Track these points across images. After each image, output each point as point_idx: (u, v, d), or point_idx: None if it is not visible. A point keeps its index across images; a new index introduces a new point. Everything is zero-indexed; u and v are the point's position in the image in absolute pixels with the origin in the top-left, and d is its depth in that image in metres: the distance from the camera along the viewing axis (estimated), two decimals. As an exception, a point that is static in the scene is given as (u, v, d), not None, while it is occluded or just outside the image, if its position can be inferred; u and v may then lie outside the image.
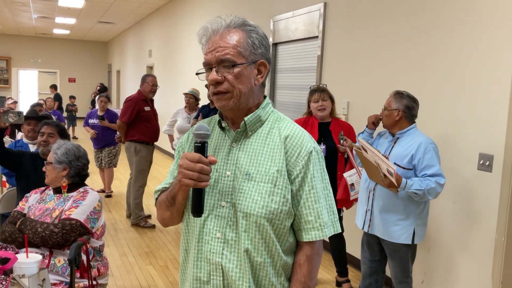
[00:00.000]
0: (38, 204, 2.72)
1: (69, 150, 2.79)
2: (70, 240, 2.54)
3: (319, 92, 3.77)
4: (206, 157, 1.31)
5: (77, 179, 2.81)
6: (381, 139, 3.23)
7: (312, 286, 1.46)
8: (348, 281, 3.99)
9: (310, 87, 3.94)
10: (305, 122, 3.84)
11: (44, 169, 2.79)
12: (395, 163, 2.95)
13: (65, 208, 2.64)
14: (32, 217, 2.63)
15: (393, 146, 3.07)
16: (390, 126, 3.10)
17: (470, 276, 3.30)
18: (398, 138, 3.06)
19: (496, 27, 3.10)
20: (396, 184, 2.81)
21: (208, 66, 1.41)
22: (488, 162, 3.15)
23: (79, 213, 2.60)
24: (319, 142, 3.73)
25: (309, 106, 3.86)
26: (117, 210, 6.36)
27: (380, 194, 3.07)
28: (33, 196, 2.80)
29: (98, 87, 15.58)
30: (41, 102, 9.67)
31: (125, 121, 5.47)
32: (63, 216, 2.58)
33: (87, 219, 2.61)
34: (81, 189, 2.78)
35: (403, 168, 2.93)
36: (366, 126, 3.41)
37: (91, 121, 7.13)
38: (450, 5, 3.45)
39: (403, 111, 3.01)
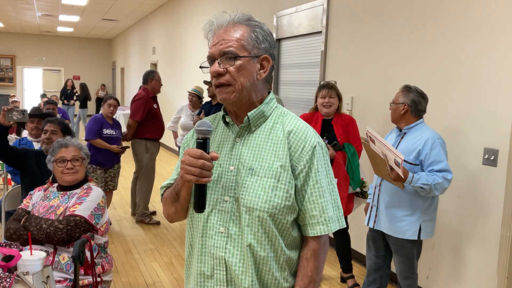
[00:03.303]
0: (42, 202, 2.72)
1: (86, 147, 2.91)
2: (75, 236, 2.55)
3: (328, 88, 3.74)
4: (208, 153, 1.32)
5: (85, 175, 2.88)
6: (390, 135, 3.22)
7: (318, 280, 1.46)
8: (353, 276, 3.99)
9: (320, 82, 3.91)
10: (310, 118, 3.83)
11: (70, 165, 2.74)
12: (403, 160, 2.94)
13: (69, 205, 2.64)
14: (36, 215, 2.64)
15: (400, 142, 3.05)
16: (396, 120, 3.08)
17: (475, 271, 3.29)
18: (405, 133, 3.04)
19: (501, 21, 3.07)
20: (402, 177, 2.79)
21: (212, 59, 1.42)
22: (493, 156, 3.13)
23: (84, 209, 2.61)
24: (321, 137, 3.71)
25: (316, 101, 3.85)
26: (122, 207, 6.38)
27: (386, 190, 3.06)
28: (37, 194, 2.81)
29: (76, 91, 14.51)
30: (54, 99, 9.61)
31: (139, 120, 5.46)
32: (68, 213, 2.59)
33: (92, 215, 2.62)
34: (84, 186, 2.79)
35: (410, 163, 2.91)
36: None
37: (107, 131, 5.24)
38: (451, 1, 3.43)
39: (409, 106, 2.98)
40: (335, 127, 3.75)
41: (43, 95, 13.83)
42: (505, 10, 3.05)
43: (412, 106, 2.98)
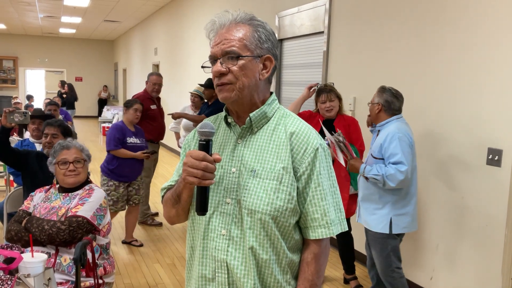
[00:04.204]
0: (43, 203, 2.71)
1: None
2: (77, 237, 2.54)
3: (326, 93, 3.75)
4: (211, 155, 1.30)
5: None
6: None
7: (319, 284, 1.45)
8: (356, 278, 3.97)
9: (317, 86, 3.90)
10: (311, 116, 3.84)
11: (72, 167, 2.73)
12: (371, 155, 3.16)
13: (71, 206, 2.63)
14: (37, 216, 2.63)
15: (376, 138, 3.22)
16: (373, 119, 3.25)
17: (480, 272, 3.27)
18: (379, 130, 3.20)
19: (502, 21, 3.05)
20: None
21: (214, 58, 1.41)
22: (497, 156, 3.11)
23: (86, 210, 2.60)
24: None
25: (316, 105, 3.85)
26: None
27: (361, 184, 3.23)
28: (38, 195, 2.80)
29: (64, 90, 14.40)
30: (57, 100, 9.57)
31: None
32: (70, 214, 2.58)
33: (94, 216, 2.61)
34: (86, 187, 2.78)
35: (375, 157, 3.09)
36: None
37: (130, 140, 4.73)
38: (457, -2, 3.41)
39: (383, 105, 3.15)
40: (337, 128, 3.75)
41: (29, 96, 13.79)
42: (506, 12, 3.03)
43: (385, 106, 3.15)
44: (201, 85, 5.69)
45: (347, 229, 1.46)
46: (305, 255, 1.44)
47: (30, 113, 3.45)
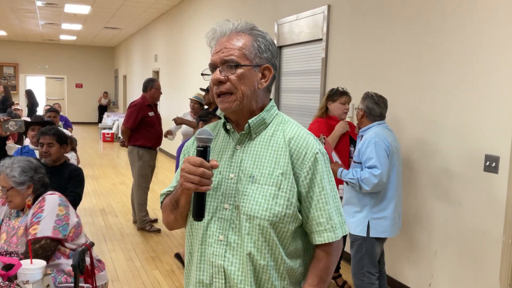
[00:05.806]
0: (8, 220, 2.67)
1: (24, 167, 2.58)
2: (50, 256, 2.48)
3: (347, 95, 3.84)
4: (208, 161, 1.32)
5: (42, 190, 2.66)
6: None
7: (327, 281, 1.47)
8: (340, 275, 4.11)
9: (339, 89, 3.89)
10: (327, 123, 3.84)
11: (2, 197, 2.58)
12: (353, 159, 3.28)
13: (27, 223, 2.51)
14: (3, 233, 2.58)
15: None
16: (358, 124, 3.37)
17: (478, 279, 3.27)
18: (362, 135, 3.29)
19: (502, 27, 3.07)
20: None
21: (213, 66, 1.43)
22: (494, 163, 3.12)
23: (44, 229, 2.45)
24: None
25: (326, 106, 3.85)
26: (124, 215, 6.37)
27: (344, 188, 3.34)
28: (1, 208, 2.74)
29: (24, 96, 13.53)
30: (57, 106, 9.53)
31: (130, 127, 5.48)
32: (30, 237, 2.44)
33: (56, 230, 2.47)
34: (36, 201, 2.61)
35: (355, 162, 3.20)
36: None
37: None
38: (455, 6, 3.43)
39: (365, 111, 3.26)
40: (319, 133, 3.79)
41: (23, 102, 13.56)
42: (505, 18, 3.05)
43: (367, 112, 3.26)
44: (202, 89, 5.72)
45: (347, 232, 1.49)
46: (316, 253, 1.46)
47: (24, 121, 3.46)
